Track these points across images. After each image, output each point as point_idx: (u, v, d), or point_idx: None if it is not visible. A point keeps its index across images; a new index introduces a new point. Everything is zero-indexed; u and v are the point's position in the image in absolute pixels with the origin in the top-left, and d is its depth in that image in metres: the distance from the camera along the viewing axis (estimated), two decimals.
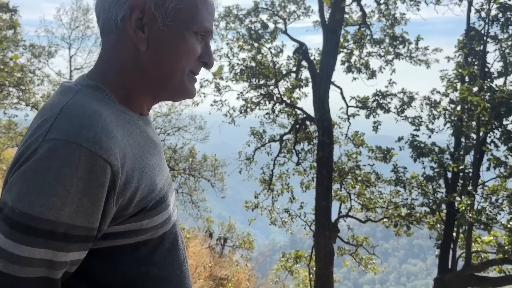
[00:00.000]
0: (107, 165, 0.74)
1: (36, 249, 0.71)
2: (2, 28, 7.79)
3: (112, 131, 0.78)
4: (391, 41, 11.10)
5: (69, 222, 0.72)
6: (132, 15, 0.86)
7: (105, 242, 0.81)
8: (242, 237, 12.94)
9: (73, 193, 0.71)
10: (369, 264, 12.12)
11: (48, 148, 0.72)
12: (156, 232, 0.88)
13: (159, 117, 16.30)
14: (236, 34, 12.23)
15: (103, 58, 0.92)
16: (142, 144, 0.89)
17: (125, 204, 0.80)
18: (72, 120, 0.75)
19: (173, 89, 0.93)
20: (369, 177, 11.67)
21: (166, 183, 0.96)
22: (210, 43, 0.98)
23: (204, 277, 4.92)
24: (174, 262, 0.94)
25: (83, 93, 0.84)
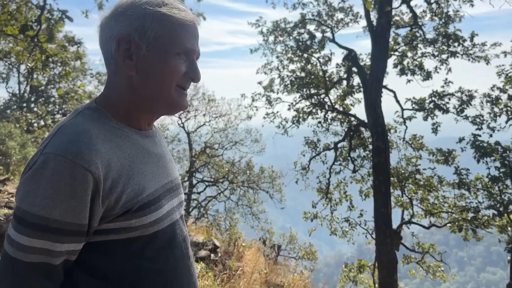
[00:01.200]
0: (88, 173, 0.90)
1: (35, 240, 0.89)
2: (71, 59, 8.57)
3: (95, 145, 0.94)
4: (444, 39, 10.74)
5: (60, 219, 0.89)
6: (120, 47, 1.02)
7: (99, 236, 0.98)
8: (304, 248, 12.93)
9: (62, 195, 0.88)
10: (438, 272, 11.60)
11: (43, 160, 0.90)
12: (146, 230, 1.02)
13: (216, 133, 16.83)
14: (285, 47, 12.44)
15: (107, 84, 1.10)
16: (133, 154, 1.04)
17: (112, 205, 0.95)
18: (63, 137, 0.93)
19: (164, 104, 1.07)
20: (431, 181, 11.26)
21: (162, 188, 1.10)
22: (194, 60, 1.10)
23: (260, 283, 5.06)
24: (168, 258, 1.07)
25: (82, 115, 1.03)
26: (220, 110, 17.10)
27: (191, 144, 16.85)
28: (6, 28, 6.60)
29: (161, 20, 1.02)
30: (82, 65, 15.67)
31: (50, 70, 8.29)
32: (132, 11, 1.02)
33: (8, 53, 8.42)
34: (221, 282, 4.52)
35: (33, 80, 15.82)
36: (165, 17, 1.03)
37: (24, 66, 13.34)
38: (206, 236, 6.23)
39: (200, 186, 16.64)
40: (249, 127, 16.91)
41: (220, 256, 5.60)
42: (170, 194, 1.12)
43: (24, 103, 20.01)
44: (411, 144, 11.71)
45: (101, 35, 1.07)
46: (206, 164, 16.43)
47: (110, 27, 1.04)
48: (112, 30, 1.03)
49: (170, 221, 1.10)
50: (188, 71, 1.07)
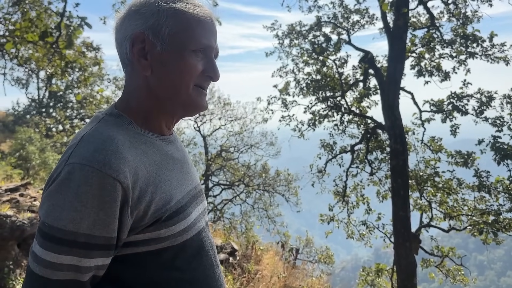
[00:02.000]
0: (117, 182, 0.85)
1: (63, 256, 0.84)
2: (89, 65, 8.70)
3: (122, 153, 0.89)
4: (463, 40, 10.59)
5: (88, 232, 0.84)
6: (134, 46, 0.98)
7: (128, 249, 0.93)
8: (321, 252, 12.85)
9: (89, 208, 0.83)
10: (458, 276, 11.40)
11: (68, 171, 0.85)
12: (176, 240, 0.98)
13: (231, 136, 16.87)
14: (300, 50, 12.43)
15: (125, 88, 1.06)
16: (158, 161, 1.00)
17: (140, 215, 0.91)
18: (88, 146, 0.89)
19: (183, 105, 1.03)
20: (450, 183, 11.09)
21: (188, 195, 1.06)
22: (212, 57, 1.05)
23: (279, 286, 5.04)
24: (198, 267, 1.03)
25: (104, 121, 0.98)
26: (236, 113, 17.17)
27: (207, 147, 16.93)
28: (27, 35, 6.74)
29: (175, 16, 0.98)
30: (100, 70, 15.89)
31: (69, 75, 8.42)
32: (145, 9, 0.99)
33: (28, 60, 8.57)
34: (241, 285, 4.51)
35: (52, 86, 16.12)
36: (180, 13, 0.99)
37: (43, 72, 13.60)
38: (224, 239, 6.24)
39: (216, 189, 16.69)
40: (265, 130, 16.94)
41: (238, 259, 5.60)
42: (195, 201, 1.09)
43: (43, 108, 20.39)
44: (430, 146, 11.56)
45: (116, 37, 1.03)
46: (221, 167, 16.48)
47: (125, 28, 1.01)
48: (127, 30, 1.00)
49: (197, 229, 1.06)
50: (206, 69, 1.03)
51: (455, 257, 11.47)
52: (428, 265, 11.71)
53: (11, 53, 8.23)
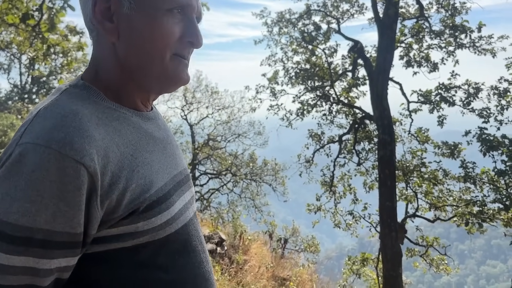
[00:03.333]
0: (81, 166, 0.69)
1: (16, 257, 0.68)
2: (72, 49, 8.46)
3: (88, 130, 0.73)
4: (451, 31, 10.59)
5: (47, 228, 0.69)
6: (97, 6, 0.82)
7: (99, 246, 0.78)
8: (307, 241, 12.90)
9: (47, 197, 0.68)
10: (441, 265, 11.55)
11: (19, 153, 0.69)
12: (157, 234, 0.82)
13: (219, 125, 16.75)
14: (290, 38, 12.31)
15: (92, 56, 0.89)
16: (135, 141, 0.84)
17: (113, 206, 0.75)
18: (45, 122, 0.73)
19: (158, 78, 0.86)
20: (436, 174, 11.17)
21: (172, 181, 0.90)
22: (193, 19, 0.88)
23: (267, 277, 5.01)
24: (186, 265, 0.88)
25: (67, 93, 0.81)
26: (223, 102, 17.05)
27: (194, 136, 16.80)
28: (7, 17, 6.49)
29: None
30: (84, 56, 15.56)
31: (52, 60, 8.19)
32: None
33: (10, 44, 8.31)
34: (229, 276, 4.45)
35: (35, 70, 15.74)
36: None
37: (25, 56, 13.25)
38: (211, 229, 6.17)
39: (203, 179, 16.62)
40: (253, 119, 16.87)
41: (226, 249, 5.53)
42: (181, 188, 0.93)
43: (26, 94, 19.94)
44: (417, 137, 11.60)
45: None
46: (209, 157, 16.39)
47: None
48: None
49: (183, 220, 0.89)
50: (185, 34, 0.85)
51: (439, 247, 11.62)
52: (412, 254, 11.85)
53: None
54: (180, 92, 16.69)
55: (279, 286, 4.84)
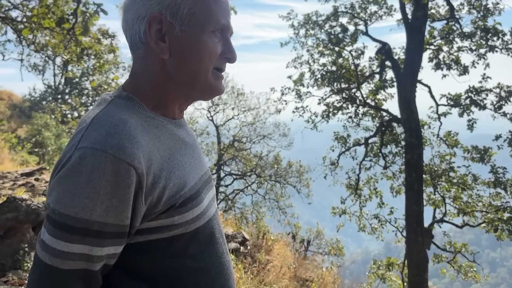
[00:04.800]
0: (131, 168, 0.81)
1: (74, 245, 0.80)
2: (104, 52, 8.73)
3: (136, 137, 0.85)
4: (483, 33, 10.35)
5: (101, 220, 0.80)
6: (151, 28, 0.93)
7: (140, 237, 0.89)
8: (331, 244, 12.83)
9: (102, 194, 0.79)
10: (470, 273, 11.28)
11: (79, 156, 0.80)
12: (189, 227, 0.94)
13: (244, 127, 16.86)
14: (316, 40, 12.30)
15: (135, 71, 1.00)
16: (171, 146, 0.97)
17: (154, 202, 0.87)
18: (100, 129, 0.84)
19: (201, 89, 0.99)
20: (465, 179, 10.94)
21: (200, 181, 1.03)
22: (229, 38, 1.01)
23: (289, 277, 5.04)
24: (211, 255, 1.00)
25: (114, 104, 0.94)
26: (249, 103, 17.14)
27: (220, 137, 16.96)
28: (44, 21, 6.77)
29: None
30: (115, 58, 15.96)
31: (85, 62, 8.47)
32: None
33: (45, 46, 8.63)
34: (251, 274, 4.52)
35: (68, 72, 16.24)
36: None
37: (59, 58, 13.72)
38: (235, 228, 6.25)
39: (227, 179, 16.74)
40: (278, 121, 16.89)
41: (249, 249, 5.60)
42: (206, 187, 1.06)
43: (59, 94, 20.63)
44: (445, 141, 11.39)
45: (125, 17, 0.97)
46: (234, 158, 16.50)
47: (137, 7, 0.94)
48: (139, 10, 0.93)
49: (209, 216, 1.03)
50: (224, 51, 0.99)
51: (468, 253, 11.35)
52: (439, 260, 11.62)
53: (28, 39, 8.29)
54: None
55: (301, 286, 4.88)
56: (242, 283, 3.91)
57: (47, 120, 14.20)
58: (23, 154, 12.07)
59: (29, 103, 21.45)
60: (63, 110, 16.69)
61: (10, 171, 6.69)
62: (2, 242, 3.57)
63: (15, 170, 7.00)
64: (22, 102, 22.15)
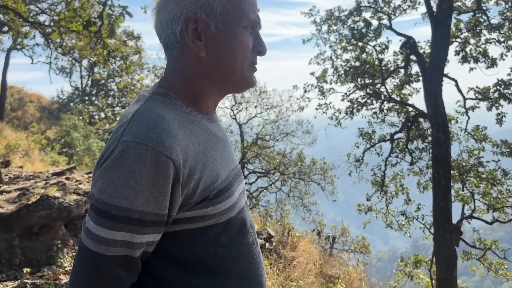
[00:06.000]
0: (170, 161, 0.86)
1: (117, 232, 0.85)
2: (130, 54, 8.90)
3: (174, 131, 0.90)
4: (511, 25, 10.05)
5: (142, 209, 0.85)
6: (188, 27, 0.97)
7: (176, 226, 0.94)
8: (357, 241, 12.73)
9: (143, 185, 0.84)
10: (501, 270, 10.99)
11: (121, 149, 0.85)
12: (221, 217, 0.98)
13: (267, 124, 16.87)
14: (339, 36, 12.20)
15: (170, 69, 1.04)
16: (205, 140, 1.01)
17: (190, 193, 0.91)
18: (141, 124, 0.89)
19: (235, 83, 1.03)
20: (494, 174, 10.67)
21: (231, 174, 1.07)
22: (259, 32, 1.06)
23: (315, 273, 5.04)
24: (242, 244, 1.04)
25: (153, 100, 0.98)
26: (272, 101, 17.15)
27: (243, 135, 17.03)
28: (71, 24, 6.95)
29: None
30: (140, 59, 16.24)
31: (111, 64, 8.66)
32: None
33: (72, 49, 8.85)
34: (277, 270, 4.54)
35: (95, 74, 16.59)
36: None
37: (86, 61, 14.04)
38: (260, 225, 6.29)
39: (251, 177, 16.80)
40: (301, 118, 16.84)
41: (274, 245, 5.63)
42: (237, 180, 1.10)
43: (86, 96, 21.12)
44: (474, 136, 11.12)
45: (158, 18, 1.01)
46: (257, 156, 16.55)
47: (170, 8, 0.98)
48: (174, 11, 0.97)
49: (239, 207, 1.07)
50: (255, 45, 1.03)
51: (498, 250, 11.06)
52: (469, 257, 11.36)
53: (56, 42, 8.52)
54: None
55: (327, 283, 4.88)
56: (268, 279, 3.94)
57: (75, 121, 14.56)
58: (52, 154, 12.43)
59: (58, 105, 22.06)
60: (90, 111, 17.08)
61: (42, 171, 6.92)
62: (36, 238, 3.71)
63: (46, 170, 7.24)
64: (51, 104, 22.81)
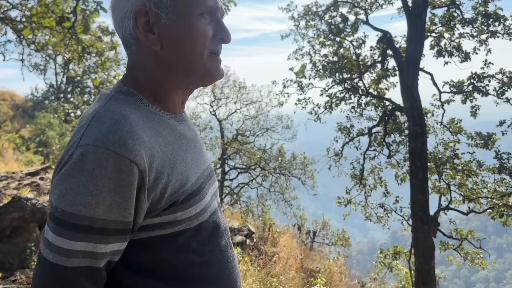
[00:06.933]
0: (133, 164, 0.80)
1: (78, 243, 0.79)
2: (105, 50, 8.73)
3: (137, 133, 0.84)
4: (484, 19, 10.26)
5: (104, 217, 0.80)
6: (138, 21, 0.92)
7: (143, 233, 0.89)
8: (337, 234, 12.87)
9: (105, 191, 0.79)
10: (476, 259, 11.28)
11: (81, 153, 0.79)
12: (192, 222, 0.94)
13: (247, 120, 16.86)
14: (317, 31, 12.24)
15: (131, 66, 0.99)
16: (173, 141, 0.96)
17: (157, 198, 0.86)
18: (101, 126, 0.83)
19: (199, 75, 0.97)
20: (470, 166, 10.90)
21: (202, 176, 1.02)
22: (220, 18, 0.99)
23: (296, 268, 5.07)
24: (215, 249, 1.00)
25: (115, 99, 0.92)
26: (251, 97, 17.14)
27: (223, 131, 16.98)
28: (44, 20, 6.77)
29: None
30: (116, 55, 15.97)
31: (86, 60, 8.48)
32: None
33: (45, 45, 8.64)
34: (258, 267, 4.55)
35: (69, 71, 16.27)
36: None
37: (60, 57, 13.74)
38: (241, 222, 6.28)
39: (232, 173, 16.79)
40: (281, 113, 16.89)
41: (255, 241, 5.63)
42: (209, 182, 1.05)
43: (61, 93, 20.69)
44: (449, 128, 11.34)
45: (114, 16, 0.97)
46: (238, 151, 16.53)
47: (122, 4, 0.94)
48: (125, 6, 0.93)
49: (211, 210, 1.02)
50: (216, 32, 0.97)
51: (474, 240, 11.35)
52: (446, 248, 11.62)
53: (29, 38, 8.29)
54: (208, 88, 16.89)
55: (308, 277, 4.91)
56: (249, 275, 3.94)
57: (50, 119, 14.25)
58: (27, 154, 12.13)
59: (32, 103, 21.54)
60: (66, 109, 16.74)
61: (16, 171, 6.74)
62: (9, 241, 3.61)
63: (20, 170, 7.05)
64: (25, 102, 22.24)
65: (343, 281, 5.92)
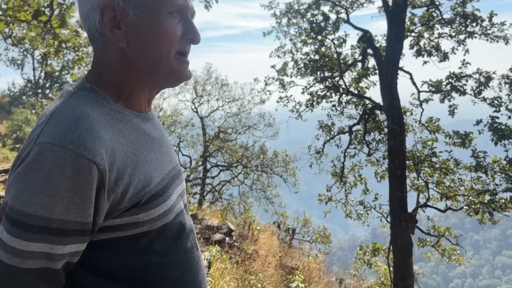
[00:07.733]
0: (93, 164, 0.78)
1: (34, 244, 0.77)
2: (83, 45, 8.58)
3: (98, 132, 0.82)
4: (462, 20, 10.45)
5: (62, 218, 0.77)
6: (104, 16, 0.89)
7: (104, 234, 0.87)
8: (318, 231, 12.97)
9: (62, 191, 0.76)
10: (453, 256, 11.52)
11: (38, 151, 0.77)
12: (155, 224, 0.92)
13: (229, 118, 16.81)
14: (298, 29, 12.27)
15: (96, 62, 0.96)
16: (136, 141, 0.93)
17: (118, 199, 0.84)
18: (59, 124, 0.80)
19: (164, 75, 0.94)
20: (447, 164, 11.10)
21: (167, 176, 0.99)
22: (190, 18, 0.97)
23: (275, 265, 5.09)
24: (179, 251, 0.98)
25: (76, 96, 0.89)
26: (233, 94, 17.11)
27: (205, 129, 16.90)
28: (19, 14, 6.61)
29: None
30: None
31: (63, 56, 8.32)
32: None
33: (22, 39, 8.44)
34: (236, 264, 4.54)
35: (47, 66, 15.95)
36: None
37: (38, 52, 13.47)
38: (220, 219, 6.27)
39: (214, 171, 16.74)
40: (262, 111, 16.90)
41: (234, 239, 5.63)
42: (175, 182, 1.03)
43: (39, 89, 20.28)
44: (427, 127, 11.52)
45: (80, 9, 0.93)
46: (219, 149, 16.48)
47: None
48: (92, 0, 0.90)
49: (176, 211, 1.00)
50: (185, 32, 0.95)
51: (451, 237, 11.58)
52: (424, 244, 11.82)
53: (5, 32, 8.09)
54: (190, 85, 16.80)
55: (287, 275, 4.93)
56: (227, 273, 3.93)
57: (27, 115, 13.97)
58: (4, 151, 11.86)
59: (9, 98, 21.05)
60: (43, 104, 16.42)
61: None
62: None
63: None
64: (1, 98, 21.72)
65: (322, 277, 5.97)
